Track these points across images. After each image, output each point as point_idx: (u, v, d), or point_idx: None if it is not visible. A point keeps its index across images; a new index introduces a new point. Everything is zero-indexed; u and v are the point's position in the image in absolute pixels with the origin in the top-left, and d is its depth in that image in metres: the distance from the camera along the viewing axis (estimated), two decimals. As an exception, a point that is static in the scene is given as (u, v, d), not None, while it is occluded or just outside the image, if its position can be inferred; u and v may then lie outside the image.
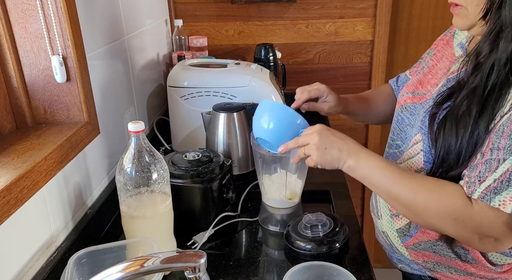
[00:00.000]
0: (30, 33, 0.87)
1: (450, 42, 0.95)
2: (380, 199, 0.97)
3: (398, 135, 0.94)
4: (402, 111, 0.94)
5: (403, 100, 0.95)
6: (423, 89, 0.92)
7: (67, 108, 0.94)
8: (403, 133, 0.93)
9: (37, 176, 0.77)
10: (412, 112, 0.91)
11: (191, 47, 1.76)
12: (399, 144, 0.93)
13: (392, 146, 0.96)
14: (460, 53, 0.89)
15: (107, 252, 0.82)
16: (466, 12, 0.77)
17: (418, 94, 0.92)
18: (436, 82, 0.89)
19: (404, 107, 0.94)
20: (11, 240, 0.74)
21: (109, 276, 0.56)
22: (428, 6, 1.90)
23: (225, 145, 1.21)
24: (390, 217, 0.93)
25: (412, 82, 0.97)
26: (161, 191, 0.89)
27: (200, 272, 0.58)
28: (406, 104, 0.93)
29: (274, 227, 1.05)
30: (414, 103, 0.91)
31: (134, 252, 0.84)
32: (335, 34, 1.87)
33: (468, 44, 0.88)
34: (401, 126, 0.94)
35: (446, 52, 0.94)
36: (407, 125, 0.92)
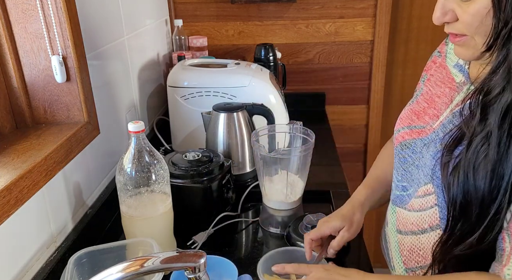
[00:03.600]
0: (30, 33, 0.87)
1: (443, 63, 0.84)
2: (391, 246, 0.87)
3: (404, 176, 0.82)
4: (402, 149, 0.83)
5: (400, 137, 0.84)
6: (419, 120, 0.81)
7: (67, 108, 0.94)
8: (408, 174, 0.81)
9: (37, 176, 0.77)
10: (414, 149, 0.80)
11: (191, 47, 1.76)
12: (406, 187, 0.82)
13: (398, 188, 0.84)
14: (461, 78, 0.77)
15: (107, 252, 0.82)
16: (473, 42, 0.67)
17: (415, 127, 0.81)
18: (436, 113, 0.78)
19: (404, 145, 0.82)
20: (11, 240, 0.74)
21: (109, 276, 0.55)
22: (428, 6, 1.89)
23: (225, 145, 1.21)
24: (405, 271, 0.83)
25: (406, 114, 0.86)
26: (161, 191, 0.89)
27: (200, 272, 0.58)
28: (405, 141, 0.82)
29: (275, 229, 1.05)
30: (414, 139, 0.80)
31: (134, 252, 0.84)
32: (335, 34, 1.87)
33: (469, 66, 0.77)
34: (405, 165, 0.82)
35: (441, 75, 0.83)
36: (411, 165, 0.80)
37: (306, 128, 1.05)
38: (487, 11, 0.62)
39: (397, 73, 2.02)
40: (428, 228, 0.75)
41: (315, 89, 1.94)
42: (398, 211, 0.83)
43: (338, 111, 1.98)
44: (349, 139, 2.03)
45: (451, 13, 0.67)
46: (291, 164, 1.01)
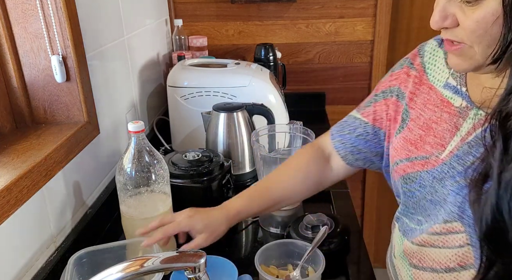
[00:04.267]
0: (30, 33, 0.87)
1: (424, 80, 0.75)
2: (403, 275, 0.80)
3: (417, 210, 0.75)
4: (406, 182, 0.74)
5: (401, 170, 0.75)
6: (419, 151, 0.72)
7: (67, 108, 0.94)
8: (421, 208, 0.73)
9: (37, 176, 0.77)
10: (421, 183, 0.72)
11: (191, 47, 1.76)
12: (421, 221, 0.74)
13: (413, 220, 0.76)
14: (461, 102, 0.69)
15: (107, 252, 0.82)
16: (472, 52, 0.60)
17: (416, 159, 0.73)
18: (439, 141, 0.70)
19: (407, 178, 0.74)
20: (11, 240, 0.74)
21: (109, 276, 0.55)
22: (428, 6, 1.89)
23: (225, 145, 1.21)
24: None
25: (400, 144, 0.76)
26: (161, 191, 0.89)
27: (200, 272, 0.58)
28: (407, 174, 0.74)
29: (275, 229, 1.05)
30: (418, 172, 0.72)
31: (134, 252, 0.84)
32: (335, 34, 1.87)
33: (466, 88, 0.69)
34: (415, 200, 0.74)
35: (428, 96, 0.74)
36: (422, 199, 0.72)
37: (306, 128, 1.05)
38: (494, 19, 0.55)
39: (397, 73, 2.02)
40: (457, 267, 0.69)
41: (315, 89, 1.94)
42: (405, 243, 0.77)
43: (338, 111, 1.97)
44: (349, 139, 2.03)
45: (451, 18, 0.60)
46: (291, 164, 1.01)
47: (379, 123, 0.82)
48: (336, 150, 0.88)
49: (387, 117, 0.81)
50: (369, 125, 0.83)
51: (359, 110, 0.87)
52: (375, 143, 0.84)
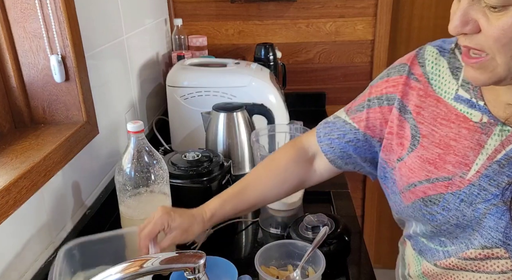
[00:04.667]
0: (28, 32, 0.87)
1: (430, 92, 0.70)
2: None
3: (439, 232, 0.70)
4: (427, 205, 0.69)
5: (421, 192, 0.69)
6: (440, 171, 0.67)
7: (66, 108, 0.93)
8: (446, 232, 0.69)
9: (36, 176, 0.76)
10: (445, 206, 0.67)
11: (191, 47, 1.76)
12: (445, 242, 0.70)
13: (433, 240, 0.72)
14: (480, 117, 0.64)
15: (100, 242, 0.79)
16: (493, 65, 0.56)
17: (438, 180, 0.67)
18: (461, 160, 0.65)
19: (428, 200, 0.68)
20: (10, 241, 0.74)
21: (108, 277, 0.55)
22: (429, 5, 1.89)
23: (225, 145, 1.21)
24: None
25: (417, 164, 0.70)
26: (161, 191, 0.89)
27: (199, 272, 0.57)
28: (428, 196, 0.68)
29: (275, 230, 1.04)
30: (442, 194, 0.67)
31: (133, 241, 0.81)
32: (335, 34, 1.87)
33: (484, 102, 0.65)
34: (435, 223, 0.69)
35: (439, 110, 0.69)
36: (446, 223, 0.68)
37: (306, 128, 1.05)
38: None
39: (397, 73, 2.02)
40: None
41: (315, 89, 1.93)
42: (424, 264, 0.74)
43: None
44: (349, 139, 2.03)
45: (473, 24, 0.55)
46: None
47: (371, 131, 0.78)
48: (324, 154, 0.83)
49: (380, 127, 0.76)
50: (360, 132, 0.79)
51: (349, 114, 0.81)
52: (365, 150, 0.80)
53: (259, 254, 0.82)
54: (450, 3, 0.68)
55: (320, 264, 0.80)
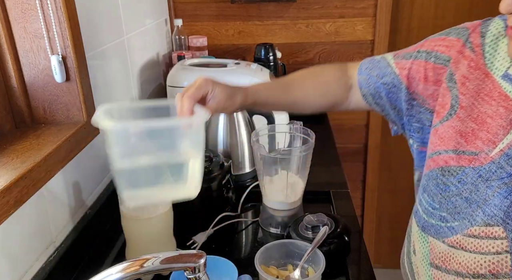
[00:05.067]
0: (29, 33, 0.87)
1: (481, 65, 0.68)
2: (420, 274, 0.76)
3: (443, 205, 0.70)
4: (443, 174, 0.69)
5: (442, 161, 0.70)
6: (469, 145, 0.67)
7: (67, 108, 0.94)
8: (451, 205, 0.69)
9: (37, 176, 0.77)
10: (462, 179, 0.67)
11: (191, 47, 1.76)
12: (446, 218, 0.70)
13: (433, 216, 0.72)
14: None
15: (141, 111, 0.73)
16: None
17: (464, 153, 0.67)
18: (491, 138, 0.65)
19: (447, 170, 0.69)
20: (11, 240, 0.74)
21: (109, 276, 0.55)
22: (428, 6, 1.89)
23: (225, 145, 1.21)
24: None
25: (449, 134, 0.70)
26: (161, 191, 0.89)
27: (200, 272, 0.58)
28: (449, 166, 0.69)
29: (275, 229, 1.05)
30: (463, 167, 0.67)
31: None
32: (335, 34, 1.87)
33: None
34: (446, 194, 0.70)
35: (483, 85, 0.67)
36: (456, 196, 0.68)
37: (306, 128, 1.05)
38: None
39: (397, 73, 2.02)
40: (488, 275, 0.66)
41: (315, 89, 1.93)
42: (432, 242, 0.73)
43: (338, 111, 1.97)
44: (349, 139, 2.03)
45: None
46: (291, 164, 1.01)
47: (409, 82, 0.77)
48: (359, 86, 0.84)
49: (418, 81, 0.75)
50: (398, 78, 0.78)
51: (395, 58, 0.80)
52: (397, 97, 0.79)
53: (259, 253, 0.83)
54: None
55: (320, 263, 0.80)
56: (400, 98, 0.79)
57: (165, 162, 0.67)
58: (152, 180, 0.67)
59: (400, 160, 2.20)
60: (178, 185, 0.68)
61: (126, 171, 0.65)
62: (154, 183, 0.68)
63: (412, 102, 0.78)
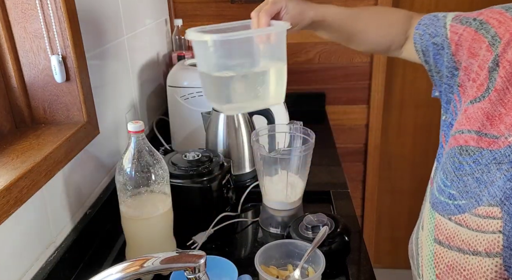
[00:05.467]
0: (29, 33, 0.87)
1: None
2: (423, 254, 0.78)
3: (454, 183, 0.72)
4: (461, 153, 0.70)
5: (462, 140, 0.70)
6: (493, 128, 0.67)
7: (67, 108, 0.94)
8: (461, 184, 0.70)
9: (37, 176, 0.77)
10: (477, 160, 0.68)
11: (191, 47, 1.76)
12: (454, 196, 0.72)
13: (443, 193, 0.73)
14: None
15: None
16: None
17: (486, 136, 0.68)
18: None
19: (465, 150, 0.70)
20: (11, 240, 0.74)
21: (109, 276, 0.55)
22: (428, 6, 1.89)
23: (225, 145, 1.21)
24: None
25: (475, 114, 0.70)
26: (161, 191, 0.89)
27: (200, 272, 0.58)
28: (467, 146, 0.70)
29: (275, 229, 1.05)
30: (481, 148, 0.68)
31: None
32: (335, 34, 1.87)
33: None
34: (459, 172, 0.71)
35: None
36: (469, 175, 0.69)
37: (306, 128, 1.05)
38: None
39: (397, 73, 2.02)
40: (483, 252, 0.68)
41: (315, 89, 1.94)
42: (438, 218, 0.75)
43: (338, 111, 1.97)
44: (349, 139, 2.03)
45: None
46: (291, 164, 1.01)
47: (456, 49, 0.75)
48: (413, 40, 0.84)
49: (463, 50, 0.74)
50: (447, 42, 0.77)
51: (454, 20, 0.78)
52: (442, 62, 0.78)
53: (259, 253, 0.83)
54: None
55: (320, 263, 0.80)
56: (444, 63, 0.78)
57: (252, 73, 0.76)
58: (244, 91, 0.75)
59: (400, 160, 2.20)
60: (266, 93, 0.76)
61: (223, 82, 0.74)
62: (246, 94, 0.76)
63: (454, 71, 0.76)
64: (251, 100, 0.77)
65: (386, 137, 2.14)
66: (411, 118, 2.11)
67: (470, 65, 0.73)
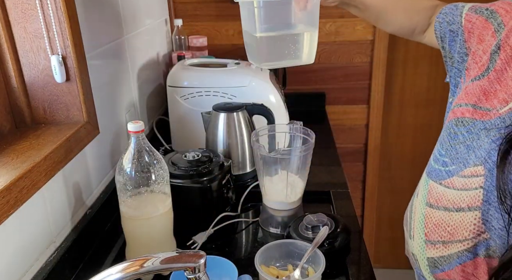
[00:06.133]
0: (29, 33, 0.87)
1: None
2: (415, 217, 0.86)
3: (448, 151, 0.79)
4: (457, 124, 0.78)
5: (459, 112, 0.78)
6: (487, 103, 0.74)
7: (67, 108, 0.94)
8: (453, 151, 0.78)
9: (37, 176, 0.77)
10: (470, 129, 0.76)
11: (191, 47, 1.76)
12: (446, 162, 0.79)
13: (438, 162, 0.81)
14: None
15: None
16: None
17: (480, 108, 0.75)
18: (506, 98, 0.72)
19: (461, 121, 0.78)
20: (11, 240, 0.74)
21: (109, 276, 0.55)
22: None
23: (225, 145, 1.21)
24: (424, 242, 0.83)
25: (474, 90, 0.77)
26: (161, 191, 0.89)
27: (200, 272, 0.58)
28: (463, 118, 0.77)
29: (275, 229, 1.05)
30: (474, 119, 0.75)
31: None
32: (335, 34, 1.87)
33: None
34: (453, 142, 0.78)
35: None
36: (461, 143, 0.77)
37: (306, 128, 1.05)
38: None
39: (397, 73, 2.02)
40: (465, 208, 0.75)
41: (315, 89, 1.94)
42: (431, 185, 0.82)
43: (338, 111, 1.97)
44: (349, 139, 2.03)
45: None
46: (291, 164, 1.01)
47: (468, 36, 0.81)
48: (434, 27, 0.89)
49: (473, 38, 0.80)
50: (461, 29, 0.83)
51: (470, 9, 0.84)
52: (455, 48, 0.84)
53: (259, 253, 0.83)
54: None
55: (320, 263, 0.81)
56: (456, 49, 0.84)
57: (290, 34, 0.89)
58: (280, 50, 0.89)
59: (400, 160, 2.20)
60: (298, 54, 0.90)
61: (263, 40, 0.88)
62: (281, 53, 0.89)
63: (464, 56, 0.82)
64: (286, 58, 0.90)
65: (386, 137, 2.14)
66: (411, 118, 2.11)
67: (477, 50, 0.79)
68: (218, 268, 0.80)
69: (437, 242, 0.80)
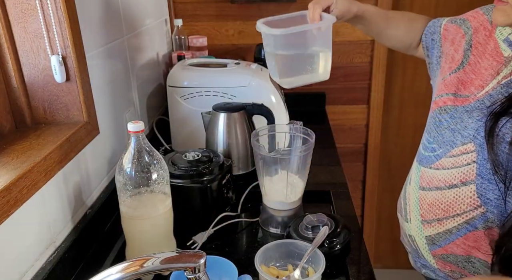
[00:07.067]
0: (29, 33, 0.87)
1: (492, 34, 0.86)
2: (410, 202, 0.94)
3: (435, 138, 0.89)
4: (440, 113, 0.88)
5: (442, 101, 0.89)
6: (465, 90, 0.85)
7: (67, 108, 0.94)
8: (440, 137, 0.87)
9: (37, 176, 0.77)
10: (452, 115, 0.86)
11: (191, 47, 1.76)
12: (434, 148, 0.88)
13: (427, 149, 0.91)
14: (509, 53, 0.81)
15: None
16: (509, 11, 0.75)
17: (460, 96, 0.86)
18: (481, 84, 0.83)
19: (444, 109, 0.88)
20: (11, 240, 0.74)
21: (109, 276, 0.55)
22: (428, 6, 1.89)
23: (225, 145, 1.21)
24: (421, 223, 0.90)
25: (452, 81, 0.88)
26: (161, 191, 0.89)
27: (200, 272, 0.58)
28: (446, 106, 0.87)
29: (275, 229, 1.05)
30: (456, 106, 0.85)
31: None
32: (335, 34, 1.86)
33: None
34: (439, 128, 0.88)
35: (488, 46, 0.85)
36: (445, 128, 0.86)
37: (306, 128, 1.05)
38: None
39: (397, 73, 2.02)
40: (459, 184, 0.82)
41: (315, 89, 1.93)
42: (422, 170, 0.90)
43: (338, 111, 1.97)
44: (349, 139, 2.03)
45: None
46: (291, 164, 1.01)
47: (443, 41, 0.96)
48: (422, 40, 1.03)
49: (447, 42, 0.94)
50: (440, 37, 0.97)
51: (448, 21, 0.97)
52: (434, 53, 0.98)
53: (259, 253, 0.83)
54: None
55: (320, 263, 0.81)
56: (434, 54, 0.98)
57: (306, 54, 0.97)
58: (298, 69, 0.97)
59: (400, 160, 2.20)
60: (314, 72, 0.98)
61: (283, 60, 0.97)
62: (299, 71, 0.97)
63: (439, 59, 0.96)
64: (304, 76, 0.97)
65: (386, 137, 2.14)
66: (411, 118, 2.11)
67: (449, 51, 0.93)
68: (218, 268, 0.80)
69: (432, 221, 0.87)
